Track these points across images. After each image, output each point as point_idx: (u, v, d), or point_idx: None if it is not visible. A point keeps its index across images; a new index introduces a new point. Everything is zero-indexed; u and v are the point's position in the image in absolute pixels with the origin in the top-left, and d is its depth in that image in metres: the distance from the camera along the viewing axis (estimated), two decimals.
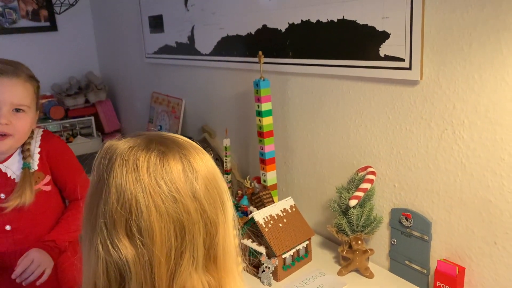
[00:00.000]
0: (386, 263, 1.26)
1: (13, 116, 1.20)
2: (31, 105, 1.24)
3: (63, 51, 2.88)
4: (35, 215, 1.29)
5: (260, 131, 1.47)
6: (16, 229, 1.27)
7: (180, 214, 0.58)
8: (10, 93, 1.18)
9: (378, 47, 1.13)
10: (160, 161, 0.59)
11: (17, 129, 1.21)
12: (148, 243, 0.57)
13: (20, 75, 1.20)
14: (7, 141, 1.21)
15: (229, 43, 1.68)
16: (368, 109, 1.22)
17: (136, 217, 0.56)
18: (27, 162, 1.27)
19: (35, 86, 1.26)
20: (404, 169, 1.17)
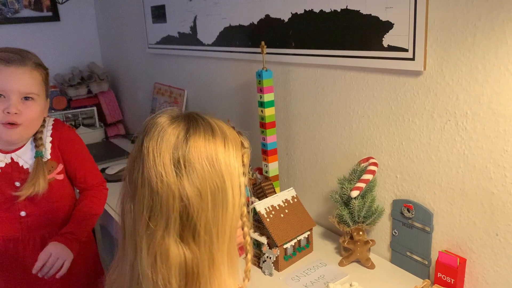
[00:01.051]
0: (387, 254, 1.26)
1: (22, 105, 1.19)
2: (40, 93, 1.23)
3: (66, 41, 2.87)
4: (49, 203, 1.30)
5: (262, 122, 1.46)
6: (31, 215, 1.29)
7: (153, 180, 0.65)
8: (18, 82, 1.17)
9: (382, 37, 1.12)
10: (160, 133, 0.67)
11: (26, 118, 1.20)
12: (133, 196, 0.67)
13: (27, 63, 1.19)
14: (17, 130, 1.20)
15: (232, 34, 1.67)
16: (371, 100, 1.22)
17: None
18: (39, 151, 1.28)
19: (43, 73, 1.25)
20: (406, 160, 1.17)
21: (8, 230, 1.29)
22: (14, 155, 1.27)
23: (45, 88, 1.27)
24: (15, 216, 1.28)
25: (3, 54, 1.18)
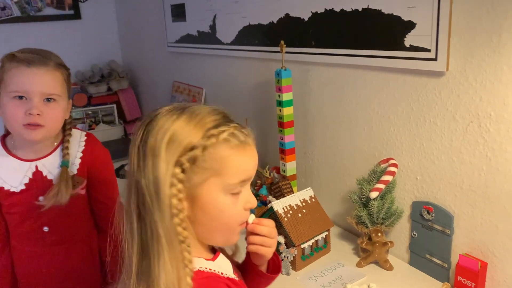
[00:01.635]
0: (406, 256, 1.25)
1: (45, 106, 1.16)
2: (62, 93, 1.20)
3: (87, 39, 2.91)
4: (72, 217, 1.28)
5: (280, 121, 1.46)
6: (53, 230, 1.27)
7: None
8: (40, 83, 1.15)
9: (403, 37, 1.11)
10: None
11: (49, 120, 1.17)
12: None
13: (49, 64, 1.17)
14: (40, 131, 1.18)
15: (251, 32, 1.67)
16: (391, 100, 1.21)
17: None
18: (65, 161, 1.24)
19: (65, 74, 1.22)
20: (427, 161, 1.15)
21: (32, 245, 1.28)
22: (39, 163, 1.24)
23: (67, 89, 1.25)
24: (38, 231, 1.26)
25: (24, 55, 1.17)
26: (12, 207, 1.25)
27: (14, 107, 1.15)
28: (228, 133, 0.72)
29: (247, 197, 0.77)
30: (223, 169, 0.72)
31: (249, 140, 0.75)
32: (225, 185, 0.72)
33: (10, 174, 1.23)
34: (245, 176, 0.74)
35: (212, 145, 0.71)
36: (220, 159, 0.72)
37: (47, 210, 1.24)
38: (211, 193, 0.72)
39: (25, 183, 1.23)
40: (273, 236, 0.83)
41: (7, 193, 1.23)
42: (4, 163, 1.24)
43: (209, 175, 0.72)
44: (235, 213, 0.75)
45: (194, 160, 0.71)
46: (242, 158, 0.73)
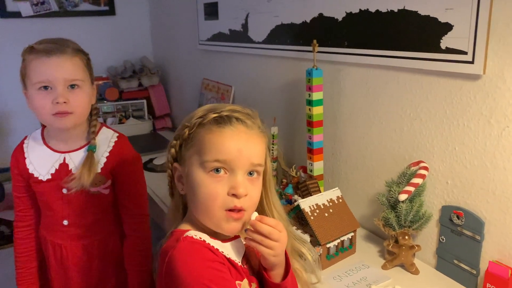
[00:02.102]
0: (432, 260, 1.24)
1: (70, 93, 1.19)
2: (84, 78, 1.22)
3: (120, 35, 2.98)
4: (92, 215, 1.30)
5: (309, 120, 1.46)
6: (73, 225, 1.30)
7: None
8: (61, 71, 1.17)
9: (440, 39, 1.10)
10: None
11: (75, 106, 1.20)
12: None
13: (66, 51, 1.19)
14: (69, 118, 1.20)
15: (283, 31, 1.68)
16: (424, 103, 1.19)
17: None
18: (92, 145, 1.27)
19: (84, 59, 1.24)
20: (458, 166, 1.14)
21: (53, 236, 1.32)
22: (67, 156, 1.27)
23: (89, 74, 1.26)
24: (58, 224, 1.30)
25: (42, 46, 1.18)
26: (40, 195, 1.30)
27: (41, 98, 1.18)
28: (217, 115, 0.81)
29: (233, 183, 0.79)
30: (202, 147, 0.80)
31: (240, 127, 0.81)
32: (201, 161, 0.80)
33: (41, 162, 1.28)
34: (220, 156, 0.79)
35: (197, 124, 0.82)
36: (201, 137, 0.81)
37: (68, 204, 1.28)
38: (193, 168, 0.81)
39: (51, 173, 1.27)
40: (274, 238, 0.81)
41: (36, 180, 1.28)
42: (38, 152, 1.29)
43: (193, 152, 0.82)
44: (213, 191, 0.79)
45: (182, 136, 0.84)
46: (218, 138, 0.80)
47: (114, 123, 2.69)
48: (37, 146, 1.29)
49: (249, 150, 0.81)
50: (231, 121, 0.81)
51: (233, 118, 0.81)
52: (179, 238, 0.80)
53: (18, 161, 1.29)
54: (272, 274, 0.87)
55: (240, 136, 0.80)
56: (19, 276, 1.36)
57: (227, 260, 0.82)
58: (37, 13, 2.72)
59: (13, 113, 2.74)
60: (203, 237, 0.81)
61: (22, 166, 1.28)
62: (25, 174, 1.28)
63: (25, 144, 1.31)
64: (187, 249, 0.78)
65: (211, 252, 0.79)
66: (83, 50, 1.25)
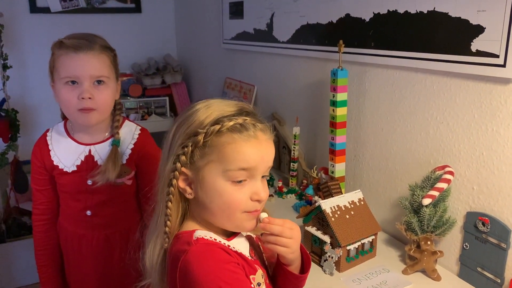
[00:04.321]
0: (455, 267, 1.21)
1: (95, 90, 1.21)
2: (110, 75, 1.25)
3: (145, 32, 3.02)
4: (115, 205, 1.33)
5: (332, 121, 1.45)
6: (96, 215, 1.32)
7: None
8: (88, 67, 1.20)
9: (470, 42, 1.08)
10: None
11: (100, 102, 1.22)
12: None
13: (94, 47, 1.21)
14: (93, 115, 1.23)
15: (309, 31, 1.68)
16: (452, 106, 1.17)
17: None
18: (116, 140, 1.29)
19: (111, 55, 1.26)
20: (485, 171, 1.11)
21: (75, 226, 1.34)
22: (92, 148, 1.30)
23: (115, 71, 1.28)
24: (82, 214, 1.32)
25: (71, 41, 1.20)
26: (64, 186, 1.32)
27: (67, 93, 1.20)
28: (234, 123, 0.78)
29: (255, 189, 0.81)
30: (222, 156, 0.78)
31: (258, 134, 0.80)
32: (224, 170, 0.78)
33: (66, 154, 1.30)
34: (244, 164, 0.78)
35: (214, 132, 0.77)
36: (220, 146, 0.78)
37: (92, 195, 1.30)
38: (212, 176, 0.79)
39: (77, 165, 1.29)
40: (287, 236, 0.84)
41: (61, 172, 1.30)
42: (63, 144, 1.31)
43: (210, 159, 0.79)
44: (236, 199, 0.80)
45: (196, 144, 0.78)
46: (242, 147, 0.78)
47: (137, 119, 2.73)
48: (62, 138, 1.32)
49: (268, 156, 0.82)
50: (252, 129, 0.80)
51: (252, 125, 0.80)
52: (190, 241, 0.79)
53: (42, 153, 1.31)
54: (291, 268, 0.90)
55: (262, 143, 0.81)
56: (43, 269, 1.38)
57: (239, 257, 0.82)
58: (65, 9, 2.77)
59: (39, 107, 2.80)
60: (212, 236, 0.82)
61: (47, 158, 1.30)
62: (49, 166, 1.30)
63: (48, 137, 1.33)
64: (201, 252, 0.78)
65: (224, 253, 0.79)
66: (110, 46, 1.27)
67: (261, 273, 0.85)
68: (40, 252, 1.37)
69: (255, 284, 0.82)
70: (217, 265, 0.76)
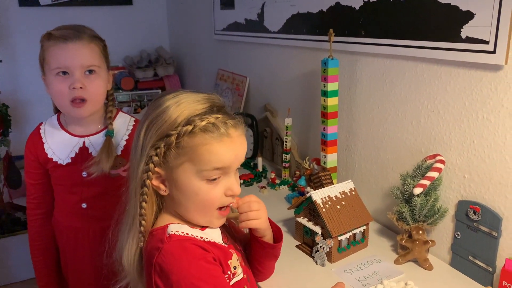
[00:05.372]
0: (447, 256, 1.21)
1: (86, 79, 1.20)
2: (101, 64, 1.24)
3: (136, 25, 2.98)
4: (110, 197, 1.25)
5: (324, 111, 1.44)
6: (91, 208, 1.31)
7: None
8: (78, 56, 1.19)
9: (460, 28, 1.06)
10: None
11: (92, 92, 1.21)
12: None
13: (83, 37, 1.20)
14: (85, 107, 1.22)
15: (299, 21, 1.66)
16: (442, 94, 1.16)
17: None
18: (109, 130, 1.28)
19: (100, 45, 1.25)
20: (476, 159, 1.10)
21: (71, 219, 1.33)
22: (87, 140, 1.29)
23: (105, 60, 1.27)
24: (77, 207, 1.31)
25: (59, 32, 1.19)
26: (58, 179, 1.31)
27: (59, 84, 1.19)
28: (206, 123, 0.77)
29: (229, 184, 0.83)
30: (196, 156, 0.78)
31: (231, 132, 0.80)
32: (198, 171, 0.79)
33: (60, 147, 1.29)
34: (219, 164, 0.79)
35: (186, 133, 0.77)
36: (194, 146, 0.78)
37: (88, 187, 1.29)
38: (187, 176, 0.80)
39: (71, 157, 1.28)
40: (255, 208, 0.91)
41: (55, 165, 1.29)
42: (56, 137, 1.30)
43: (183, 160, 0.79)
44: (212, 197, 0.82)
45: (169, 145, 0.78)
46: (216, 148, 0.78)
47: (130, 112, 2.70)
48: (55, 131, 1.31)
49: (242, 152, 0.84)
50: (224, 127, 0.80)
51: (223, 123, 0.80)
52: (163, 238, 0.80)
53: (35, 147, 1.29)
54: (266, 239, 0.97)
55: (234, 141, 0.81)
56: (39, 265, 1.37)
57: (213, 247, 0.84)
58: (55, 2, 2.74)
59: (31, 101, 2.77)
60: (185, 230, 0.83)
61: (40, 151, 1.29)
62: (43, 159, 1.29)
63: (41, 130, 1.32)
64: (174, 249, 0.79)
65: (198, 248, 0.80)
66: (99, 36, 1.27)
67: (236, 257, 0.89)
68: (35, 247, 1.36)
69: (231, 268, 0.86)
70: (190, 262, 0.77)
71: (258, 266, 1.02)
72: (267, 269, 1.06)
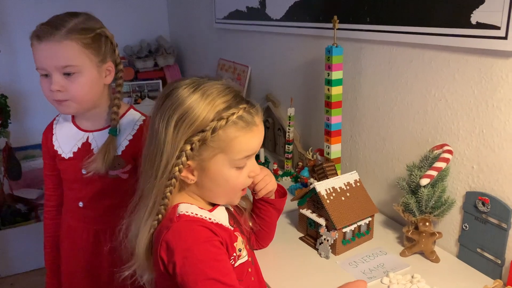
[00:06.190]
0: (454, 248, 1.18)
1: (66, 81, 1.10)
2: (83, 62, 1.11)
3: (136, 14, 2.94)
4: (108, 199, 1.24)
5: (327, 101, 1.41)
6: (87, 207, 1.26)
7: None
8: (51, 58, 1.08)
9: (470, 14, 1.03)
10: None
11: (73, 94, 1.12)
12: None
13: (56, 34, 1.07)
14: (68, 105, 1.14)
15: (302, 8, 1.62)
16: (451, 82, 1.13)
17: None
18: (113, 128, 1.20)
19: (82, 38, 1.10)
20: (485, 149, 1.07)
21: (69, 217, 1.29)
22: (91, 135, 1.23)
23: (94, 54, 1.13)
24: (74, 205, 1.27)
25: (37, 28, 1.10)
26: (62, 173, 1.28)
27: (43, 85, 1.13)
28: (237, 116, 0.81)
29: (251, 167, 0.90)
30: (229, 148, 0.83)
31: (256, 120, 0.86)
32: (231, 160, 0.84)
33: (66, 140, 1.26)
34: (249, 152, 0.86)
35: (221, 127, 0.81)
36: (228, 139, 0.82)
37: (86, 185, 1.23)
38: (219, 167, 0.84)
39: (73, 152, 1.24)
40: (263, 174, 1.03)
41: (59, 157, 1.26)
42: (64, 129, 1.27)
43: (217, 152, 0.83)
44: (240, 182, 0.89)
45: (204, 140, 0.81)
46: (247, 138, 0.84)
47: (130, 103, 2.68)
48: (65, 123, 1.28)
49: (263, 136, 0.90)
50: (251, 118, 0.84)
51: (250, 114, 0.84)
52: (173, 218, 0.83)
53: (46, 138, 1.28)
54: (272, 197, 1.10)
55: (260, 128, 0.87)
56: (47, 257, 1.36)
57: (220, 229, 0.86)
58: None
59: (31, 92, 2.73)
60: (194, 211, 0.86)
61: (50, 143, 1.27)
62: (51, 151, 1.27)
63: (55, 121, 1.30)
64: (181, 229, 0.82)
65: (205, 230, 0.82)
66: (83, 28, 1.11)
67: (241, 240, 0.92)
68: (47, 239, 1.35)
69: (236, 250, 0.89)
70: (196, 243, 0.80)
71: (264, 227, 1.11)
72: (271, 227, 1.15)
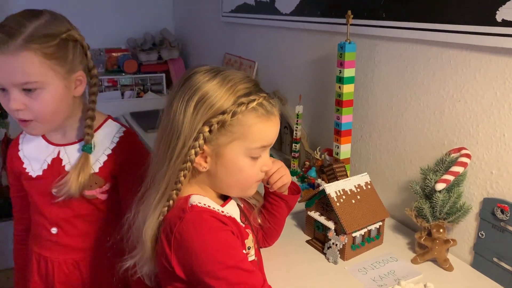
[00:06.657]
0: (468, 257, 1.13)
1: (27, 97, 0.94)
2: (46, 76, 0.94)
3: (141, 6, 2.89)
4: (85, 223, 1.10)
5: (338, 99, 1.36)
6: (62, 234, 1.10)
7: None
8: (7, 73, 0.91)
9: (495, 10, 0.97)
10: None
11: (36, 113, 0.96)
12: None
13: (11, 44, 0.89)
14: (33, 126, 0.99)
15: (313, 2, 1.56)
16: (471, 83, 1.07)
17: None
18: (87, 145, 1.04)
19: (43, 47, 0.92)
20: (506, 154, 1.02)
21: (40, 247, 1.13)
22: (62, 150, 1.07)
23: (59, 63, 0.95)
24: (46, 232, 1.10)
25: None
26: (30, 195, 1.11)
27: (1, 100, 0.97)
28: (257, 103, 0.80)
29: (264, 161, 0.88)
30: (247, 135, 0.81)
31: (275, 111, 0.84)
32: (247, 148, 0.82)
33: (35, 156, 1.09)
34: (266, 142, 0.84)
35: (241, 112, 0.79)
36: (246, 125, 0.80)
37: (57, 209, 1.08)
38: (234, 154, 0.82)
39: (43, 169, 1.08)
40: (277, 166, 1.00)
41: (27, 176, 1.09)
42: (33, 143, 1.11)
43: (234, 138, 0.81)
44: (252, 173, 0.86)
45: (223, 123, 0.79)
46: (265, 127, 0.82)
47: (132, 96, 2.63)
48: (34, 137, 1.10)
49: (278, 132, 0.88)
50: (270, 107, 0.83)
51: (269, 103, 0.83)
52: (185, 208, 0.81)
53: (11, 154, 1.12)
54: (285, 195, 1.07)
55: (277, 119, 0.86)
56: (16, 285, 1.24)
57: (232, 223, 0.84)
58: None
59: None
60: (206, 202, 0.84)
61: (16, 159, 1.11)
62: (17, 169, 1.11)
63: (22, 135, 1.13)
64: (195, 219, 0.79)
65: (217, 221, 0.81)
66: (47, 34, 0.93)
67: (251, 238, 0.90)
68: (16, 264, 1.22)
69: (246, 247, 0.88)
70: (210, 233, 0.79)
71: (273, 224, 1.09)
72: (280, 225, 1.12)
